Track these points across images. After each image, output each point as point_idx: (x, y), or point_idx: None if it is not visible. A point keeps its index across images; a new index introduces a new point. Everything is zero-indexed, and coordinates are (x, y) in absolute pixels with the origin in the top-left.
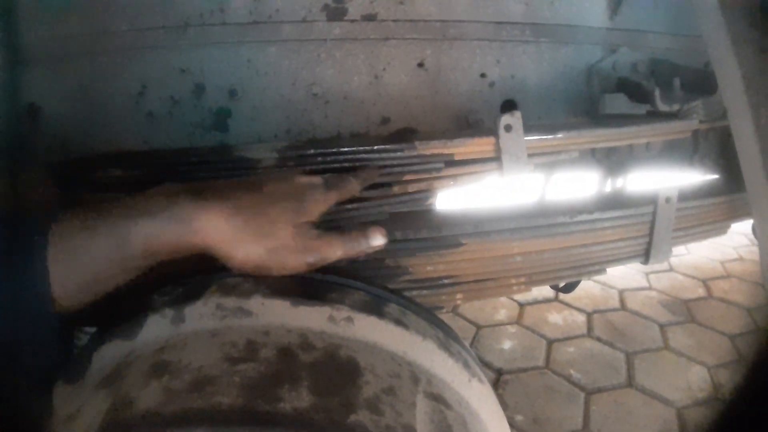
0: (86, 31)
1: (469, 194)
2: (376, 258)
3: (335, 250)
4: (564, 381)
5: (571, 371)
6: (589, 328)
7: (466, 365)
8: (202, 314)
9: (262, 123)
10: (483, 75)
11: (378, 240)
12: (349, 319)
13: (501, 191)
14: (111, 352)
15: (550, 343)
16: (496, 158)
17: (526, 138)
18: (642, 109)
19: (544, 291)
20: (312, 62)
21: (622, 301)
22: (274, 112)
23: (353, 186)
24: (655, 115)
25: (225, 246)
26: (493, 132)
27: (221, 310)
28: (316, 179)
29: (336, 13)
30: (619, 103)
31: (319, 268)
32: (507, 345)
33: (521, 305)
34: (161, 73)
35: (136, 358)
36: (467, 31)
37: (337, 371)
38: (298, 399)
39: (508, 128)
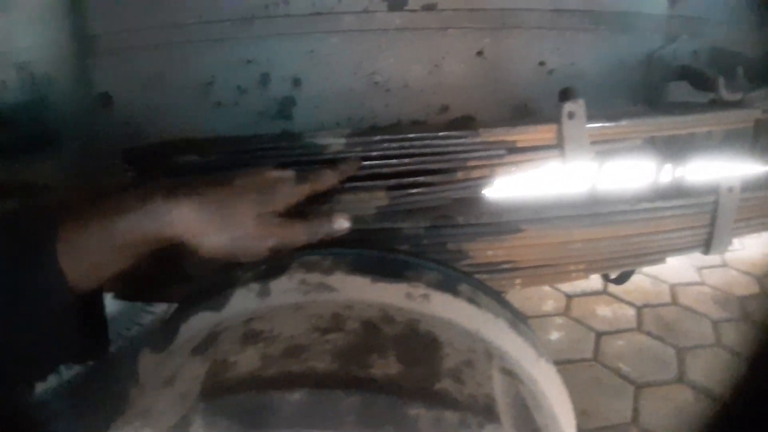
0: (156, 23)
1: (527, 181)
2: (439, 242)
3: (298, 234)
4: (613, 374)
5: (620, 364)
6: (639, 322)
7: (534, 345)
8: (288, 288)
9: (324, 111)
10: (542, 63)
11: (342, 224)
12: (426, 296)
13: (559, 178)
14: (200, 323)
15: (599, 335)
16: (557, 145)
17: (588, 125)
18: (703, 97)
19: (593, 283)
20: (373, 52)
21: (673, 295)
22: (336, 101)
23: (329, 178)
24: (717, 104)
25: (194, 237)
26: (554, 119)
27: (305, 285)
28: (288, 173)
29: (396, 4)
30: (681, 92)
31: (392, 249)
32: (554, 336)
33: (569, 297)
34: (229, 64)
35: (226, 328)
36: (526, 19)
37: (420, 343)
38: (387, 366)
39: (570, 115)
